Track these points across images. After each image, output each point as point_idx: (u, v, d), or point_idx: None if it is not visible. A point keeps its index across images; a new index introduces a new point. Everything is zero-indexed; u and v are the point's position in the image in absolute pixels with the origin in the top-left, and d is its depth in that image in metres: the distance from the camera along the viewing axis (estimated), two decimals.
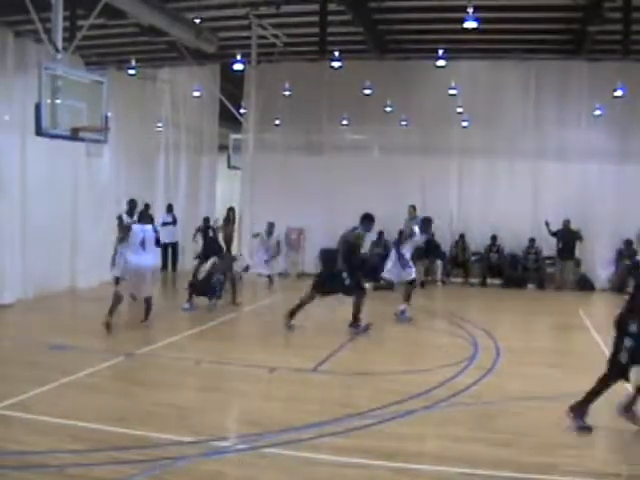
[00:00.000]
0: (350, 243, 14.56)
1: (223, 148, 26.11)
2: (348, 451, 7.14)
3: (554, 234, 22.66)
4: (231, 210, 25.18)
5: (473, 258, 24.43)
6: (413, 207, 22.94)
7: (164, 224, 23.28)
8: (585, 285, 23.36)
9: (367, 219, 15.04)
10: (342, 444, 7.36)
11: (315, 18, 20.18)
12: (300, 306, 14.32)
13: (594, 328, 15.57)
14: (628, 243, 23.01)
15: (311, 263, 24.06)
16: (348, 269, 14.19)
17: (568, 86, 23.12)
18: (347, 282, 14.13)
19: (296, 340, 13.61)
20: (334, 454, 7.03)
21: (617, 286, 19.41)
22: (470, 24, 17.81)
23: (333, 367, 11.11)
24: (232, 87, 24.60)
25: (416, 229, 16.97)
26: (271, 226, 22.13)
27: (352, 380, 10.44)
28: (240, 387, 9.81)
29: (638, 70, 21.13)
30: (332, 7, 19.74)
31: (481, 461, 7.00)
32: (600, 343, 13.71)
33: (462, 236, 24.07)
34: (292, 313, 14.27)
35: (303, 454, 7.03)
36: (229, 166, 25.39)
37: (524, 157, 23.50)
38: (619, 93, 21.83)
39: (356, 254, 14.88)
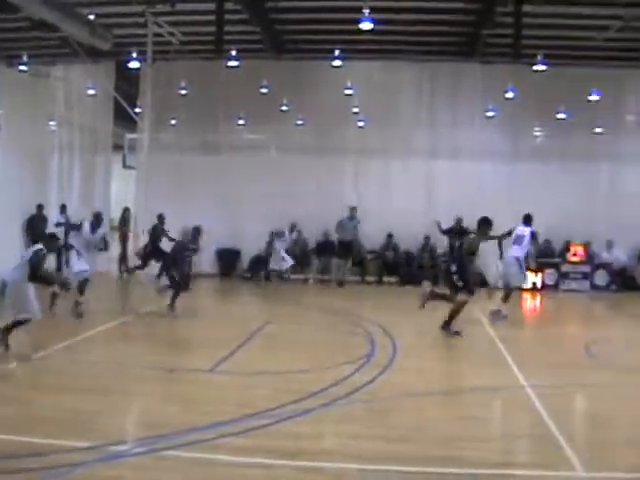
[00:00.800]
0: (469, 246, 14.59)
1: (118, 148, 25.69)
2: (248, 451, 7.14)
3: (446, 232, 23.06)
4: (127, 210, 24.88)
5: (369, 256, 24.68)
6: (354, 208, 23.12)
7: (57, 225, 22.81)
8: (479, 281, 23.87)
9: (485, 223, 14.79)
10: (242, 444, 7.36)
11: (212, 17, 20.12)
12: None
13: (489, 324, 15.96)
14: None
15: (207, 263, 23.96)
16: (459, 271, 14.23)
17: (461, 87, 23.62)
18: (459, 284, 14.24)
19: (194, 340, 13.55)
20: (234, 455, 7.02)
21: None
22: (366, 25, 18.03)
23: (231, 367, 11.09)
24: (127, 86, 24.29)
25: (521, 228, 17.07)
26: (293, 226, 22.71)
27: (250, 380, 10.43)
28: (138, 389, 9.71)
29: (528, 73, 21.69)
30: (229, 6, 19.72)
31: (380, 457, 7.09)
32: (495, 338, 14.11)
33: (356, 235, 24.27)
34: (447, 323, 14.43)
35: (203, 455, 6.99)
36: (124, 166, 25.03)
37: (419, 157, 23.92)
38: (510, 95, 22.44)
39: (472, 258, 14.86)
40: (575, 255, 23.79)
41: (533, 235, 17.12)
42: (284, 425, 8.02)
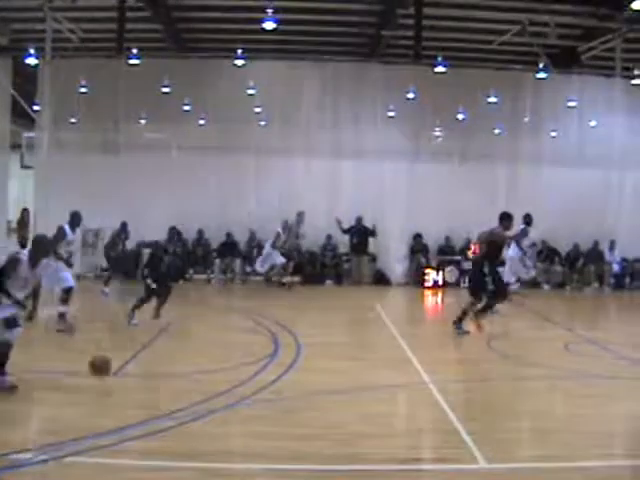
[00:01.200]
0: (497, 244, 14.36)
1: (16, 147, 25.05)
2: (153, 454, 7.04)
3: (346, 231, 23.31)
4: (25, 211, 24.33)
5: None
6: (302, 213, 22.92)
7: None
8: (381, 280, 24.16)
9: (508, 218, 14.67)
10: (147, 447, 7.26)
11: (113, 13, 19.84)
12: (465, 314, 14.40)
13: (391, 321, 16.17)
14: (418, 237, 24.08)
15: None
16: (490, 271, 14.13)
17: (363, 88, 23.80)
18: (490, 287, 14.09)
19: (96, 343, 13.31)
20: (139, 458, 6.92)
21: None
22: (269, 25, 18.06)
23: (135, 369, 10.95)
24: (25, 82, 23.70)
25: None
26: (286, 224, 22.54)
27: (155, 382, 10.34)
28: (39, 395, 9.45)
29: (428, 74, 22.08)
30: (130, 3, 19.48)
31: (287, 456, 7.10)
32: (397, 336, 14.29)
33: (253, 234, 24.21)
34: (459, 320, 14.43)
35: (107, 460, 6.85)
36: (22, 166, 24.44)
37: (322, 156, 24.03)
38: (411, 95, 22.79)
39: (501, 254, 14.91)
40: (475, 253, 24.24)
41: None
42: (190, 426, 7.96)
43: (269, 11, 17.95)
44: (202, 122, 24.43)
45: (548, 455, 7.31)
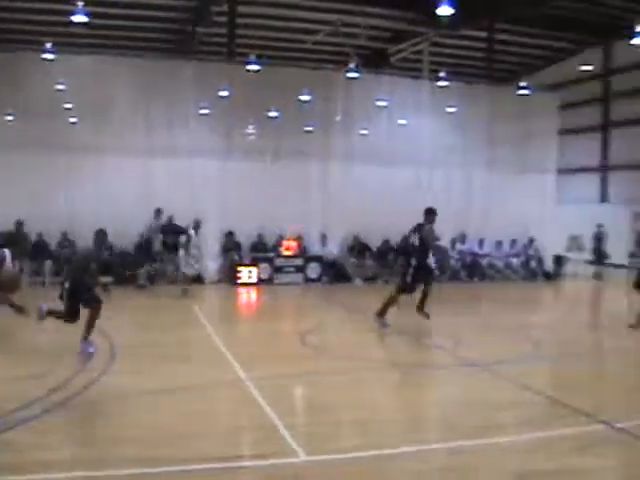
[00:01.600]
0: (425, 239, 15.04)
1: None
2: None
3: (160, 231, 23.03)
4: None
5: None
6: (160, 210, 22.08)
7: None
8: (195, 278, 24.03)
9: (432, 213, 15.41)
10: None
11: None
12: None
13: (206, 320, 16.15)
14: (229, 234, 24.16)
15: None
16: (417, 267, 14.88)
17: (176, 85, 23.53)
18: (408, 279, 14.93)
19: None
20: None
21: None
22: (79, 18, 17.56)
23: None
24: None
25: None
26: (198, 223, 21.35)
27: None
28: None
29: (241, 72, 22.15)
30: None
31: (104, 461, 6.99)
32: (212, 334, 14.32)
33: (64, 234, 23.43)
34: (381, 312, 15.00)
35: None
36: None
37: (133, 154, 23.52)
38: (224, 93, 22.79)
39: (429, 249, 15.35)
40: (288, 249, 24.59)
41: None
42: (5, 437, 7.64)
43: (80, 3, 17.41)
44: (9, 118, 23.33)
45: (365, 444, 7.59)
